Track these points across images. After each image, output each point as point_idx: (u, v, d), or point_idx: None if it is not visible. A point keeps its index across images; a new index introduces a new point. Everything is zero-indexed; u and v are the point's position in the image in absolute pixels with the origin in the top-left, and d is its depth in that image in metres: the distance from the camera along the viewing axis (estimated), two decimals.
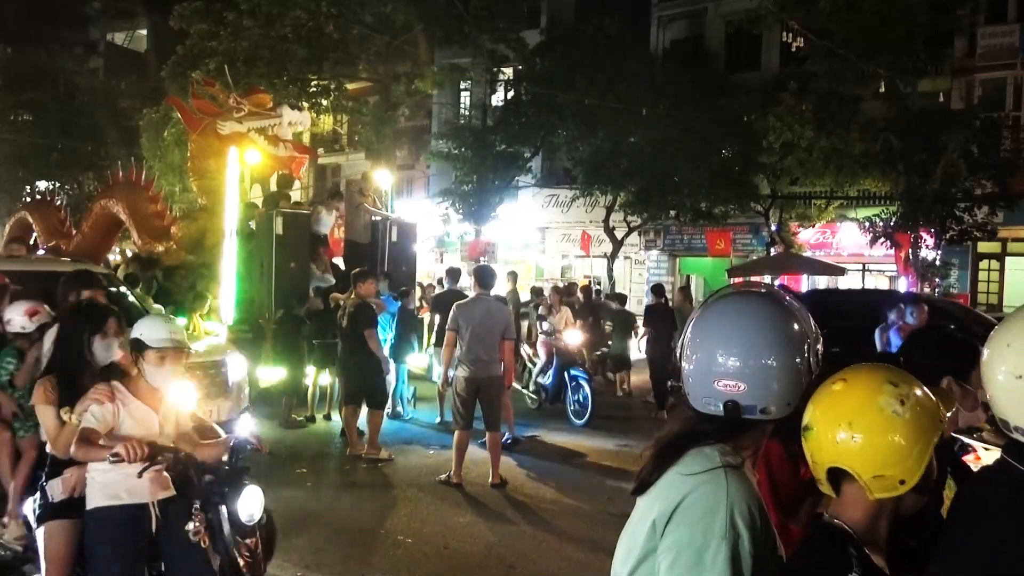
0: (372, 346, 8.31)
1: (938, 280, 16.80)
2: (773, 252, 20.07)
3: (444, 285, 12.18)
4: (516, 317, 10.48)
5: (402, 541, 6.03)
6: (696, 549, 1.55)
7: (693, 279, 23.96)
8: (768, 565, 1.58)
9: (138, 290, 9.34)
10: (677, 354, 1.80)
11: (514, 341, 8.15)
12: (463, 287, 11.05)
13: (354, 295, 8.47)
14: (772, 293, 1.84)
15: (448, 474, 7.49)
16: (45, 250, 13.36)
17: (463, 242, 24.92)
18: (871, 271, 21.24)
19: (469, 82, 24.84)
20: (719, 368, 1.66)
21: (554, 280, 23.14)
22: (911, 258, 16.44)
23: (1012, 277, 19.40)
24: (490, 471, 7.55)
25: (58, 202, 16.87)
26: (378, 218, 12.87)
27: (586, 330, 11.95)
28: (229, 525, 3.42)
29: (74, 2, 35.89)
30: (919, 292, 14.67)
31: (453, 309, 7.53)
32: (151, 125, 23.74)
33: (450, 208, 22.90)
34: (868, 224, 17.18)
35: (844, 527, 1.59)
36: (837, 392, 1.61)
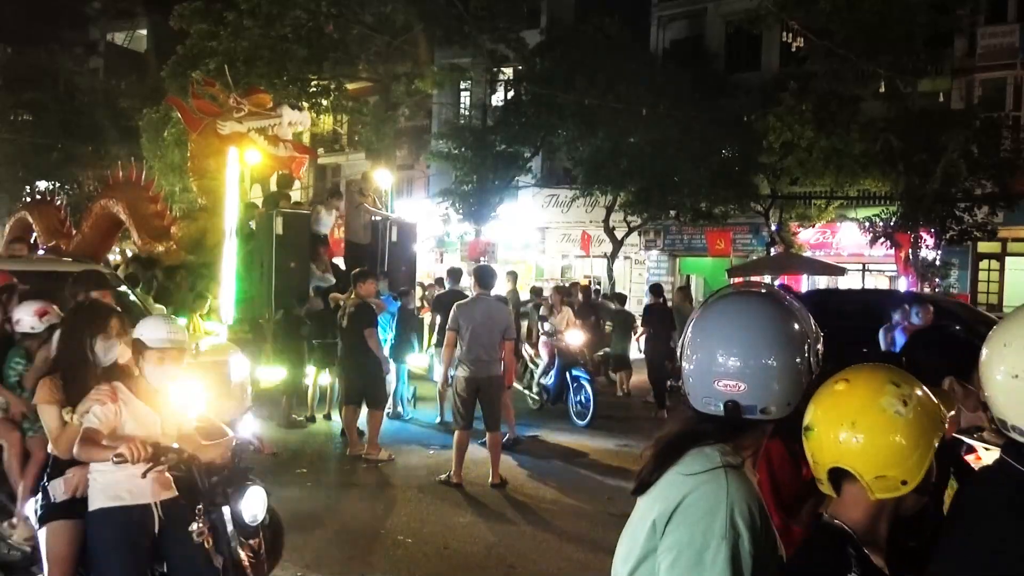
0: (372, 346, 8.32)
1: (938, 280, 16.79)
2: (773, 252, 20.04)
3: (445, 285, 12.17)
4: (516, 317, 10.48)
5: (402, 541, 6.03)
6: (696, 549, 1.55)
7: (693, 279, 23.94)
8: (768, 565, 1.58)
9: (139, 290, 9.34)
10: (677, 354, 1.80)
11: (514, 341, 8.17)
12: (464, 287, 11.05)
13: (354, 295, 8.48)
14: (772, 293, 1.84)
15: (448, 474, 7.50)
16: (45, 250, 13.33)
17: (463, 242, 24.89)
18: (871, 271, 21.21)
19: (469, 82, 24.83)
20: (719, 368, 1.67)
21: (554, 280, 23.13)
22: (911, 258, 16.43)
23: (1012, 277, 19.37)
24: (490, 471, 7.56)
25: (58, 202, 16.81)
26: (378, 218, 12.85)
27: (587, 330, 11.96)
28: (232, 526, 3.41)
29: (74, 2, 35.90)
30: (919, 292, 14.66)
31: (453, 309, 7.54)
32: (151, 125, 23.72)
33: (450, 208, 22.88)
34: (868, 224, 17.17)
35: (844, 527, 1.60)
36: (839, 392, 1.61)
